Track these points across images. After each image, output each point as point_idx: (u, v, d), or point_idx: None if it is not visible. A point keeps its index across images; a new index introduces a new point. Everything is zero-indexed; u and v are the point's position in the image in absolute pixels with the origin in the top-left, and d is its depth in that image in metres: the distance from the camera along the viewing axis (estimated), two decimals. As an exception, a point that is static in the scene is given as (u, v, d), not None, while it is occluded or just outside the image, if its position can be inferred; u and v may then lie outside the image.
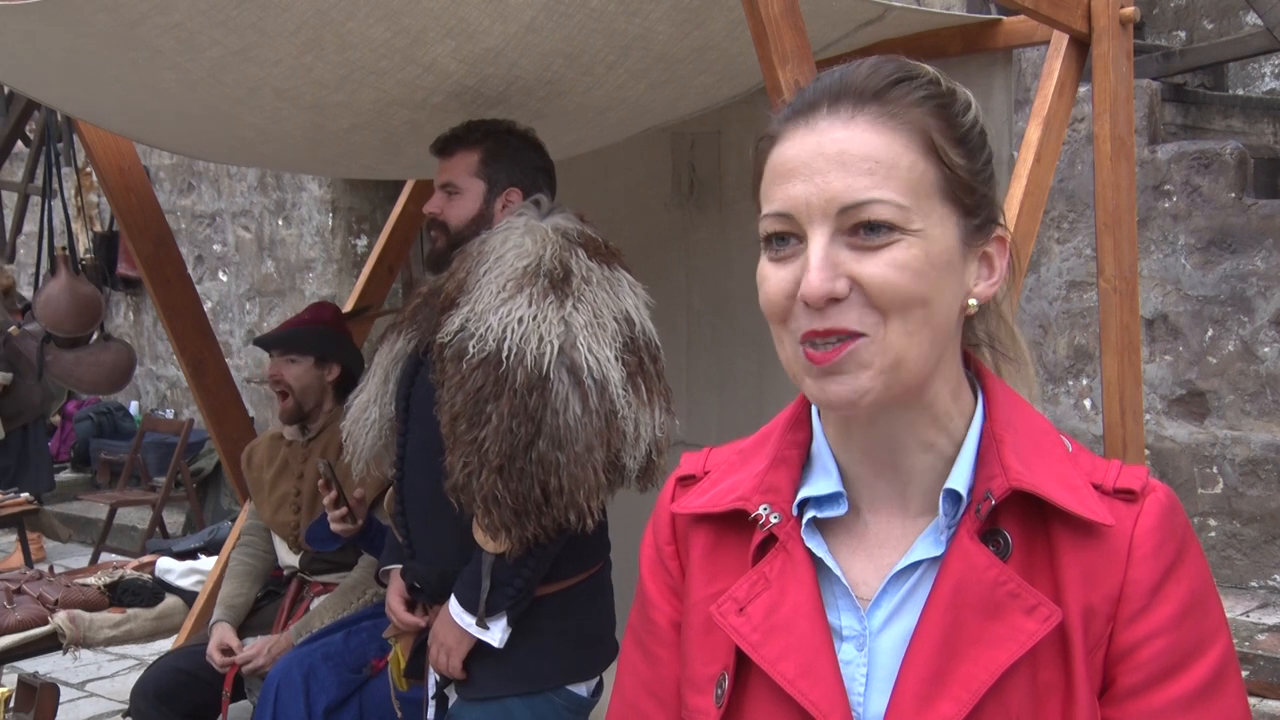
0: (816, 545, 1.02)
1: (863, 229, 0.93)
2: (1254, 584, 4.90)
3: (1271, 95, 6.20)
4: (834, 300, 0.93)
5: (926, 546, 0.99)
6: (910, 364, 0.95)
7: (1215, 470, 4.96)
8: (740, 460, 1.10)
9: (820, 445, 1.05)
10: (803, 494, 1.03)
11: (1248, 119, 5.82)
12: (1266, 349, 4.79)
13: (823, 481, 1.03)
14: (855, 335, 0.93)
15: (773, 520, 1.02)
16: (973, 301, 1.00)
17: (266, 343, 3.44)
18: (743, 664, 1.01)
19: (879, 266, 0.93)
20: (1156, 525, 0.96)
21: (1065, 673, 0.94)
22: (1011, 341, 1.09)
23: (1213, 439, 4.95)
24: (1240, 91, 6.26)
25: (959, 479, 0.99)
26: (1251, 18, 5.73)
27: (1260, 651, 4.18)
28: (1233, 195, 4.85)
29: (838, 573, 1.01)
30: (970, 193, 0.98)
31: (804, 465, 1.06)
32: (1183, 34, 6.33)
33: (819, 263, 0.93)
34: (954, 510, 0.99)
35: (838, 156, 0.94)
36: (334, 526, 2.88)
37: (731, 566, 1.05)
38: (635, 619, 1.15)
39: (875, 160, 0.94)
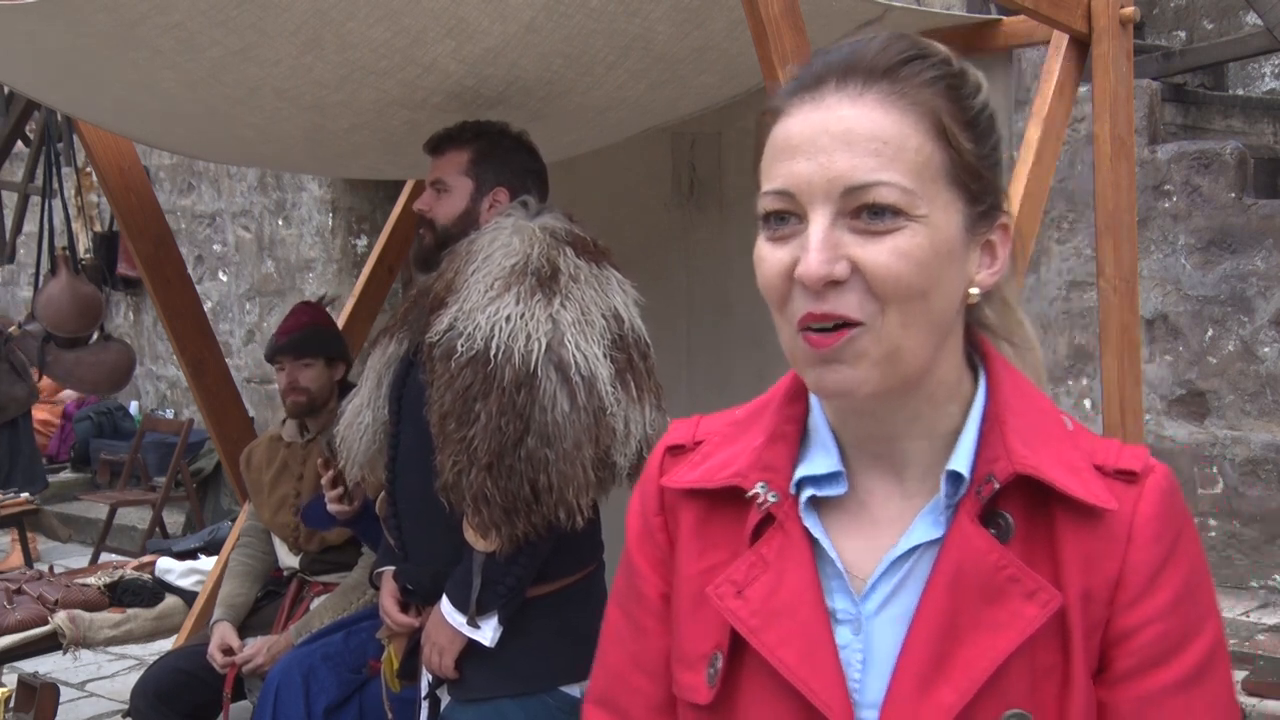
0: (814, 526, 1.00)
1: (866, 212, 0.90)
2: (1254, 584, 4.90)
3: (1271, 95, 6.20)
4: (833, 284, 0.90)
5: (925, 528, 0.98)
6: (908, 355, 0.93)
7: (1215, 470, 4.96)
8: (735, 432, 1.07)
9: (818, 420, 1.03)
10: (801, 472, 1.01)
11: (1248, 119, 5.82)
12: (1266, 349, 4.79)
13: (822, 460, 1.01)
14: (853, 323, 0.91)
15: (770, 499, 1.00)
16: (974, 290, 0.98)
17: (280, 350, 3.40)
18: (737, 644, 0.99)
19: (882, 253, 0.90)
20: (1156, 511, 0.96)
21: (1064, 656, 0.93)
22: (1018, 328, 1.07)
23: (1213, 439, 4.95)
24: (1240, 91, 6.26)
25: (961, 460, 0.97)
26: (1251, 18, 5.73)
27: (1260, 651, 4.18)
28: (1233, 195, 4.84)
29: (833, 555, 0.99)
30: (977, 178, 0.95)
31: (801, 440, 1.03)
32: (1183, 34, 6.33)
33: (819, 243, 0.90)
34: (954, 491, 0.97)
35: (844, 135, 0.91)
36: (331, 507, 2.88)
37: (724, 541, 1.03)
38: (621, 589, 1.12)
39: (883, 140, 0.91)
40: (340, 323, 3.98)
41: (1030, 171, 2.60)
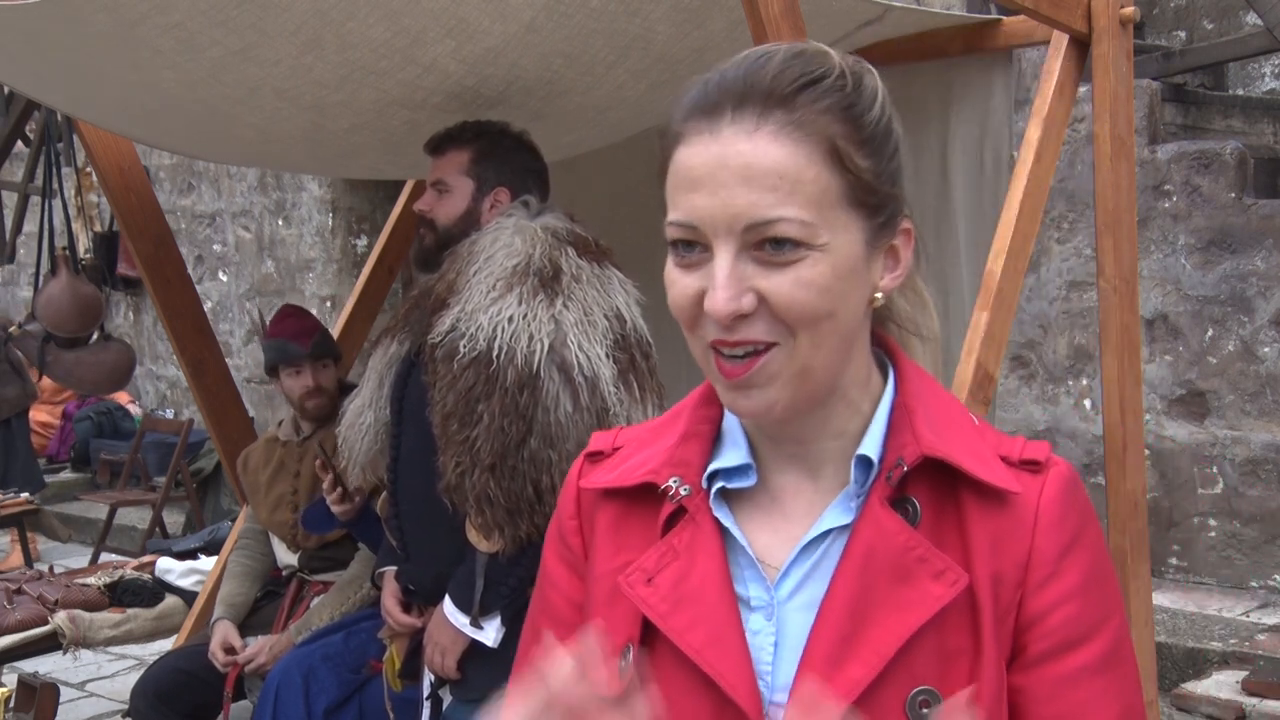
0: (724, 516, 1.02)
1: (769, 244, 0.92)
2: (1254, 584, 4.90)
3: (1271, 95, 6.20)
4: (740, 316, 0.93)
5: (835, 515, 1.00)
6: (818, 371, 0.96)
7: (1215, 470, 4.96)
8: (651, 436, 1.10)
9: (731, 420, 1.06)
10: (712, 466, 1.03)
11: (1248, 119, 5.82)
12: (1266, 349, 4.79)
13: (732, 454, 1.04)
14: (765, 345, 0.94)
15: (682, 492, 1.02)
16: (878, 295, 1.00)
17: (302, 355, 3.36)
18: (649, 634, 1.01)
19: (787, 285, 0.93)
20: (1060, 495, 0.98)
21: (974, 638, 0.95)
22: (924, 316, 1.10)
23: (1213, 439, 4.95)
24: (1240, 91, 6.26)
25: (870, 446, 1.00)
26: (1251, 18, 5.73)
27: (1260, 651, 4.18)
28: (1233, 195, 4.85)
29: (744, 543, 1.01)
30: (874, 194, 0.96)
31: (715, 440, 1.06)
32: (1183, 34, 6.34)
33: (724, 280, 0.92)
34: (864, 478, 1.00)
35: (742, 170, 0.92)
36: (334, 509, 2.89)
37: (638, 539, 1.05)
38: (534, 602, 1.15)
39: (779, 175, 0.92)
40: (340, 323, 3.99)
41: (1030, 171, 2.60)
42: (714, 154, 0.94)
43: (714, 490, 1.03)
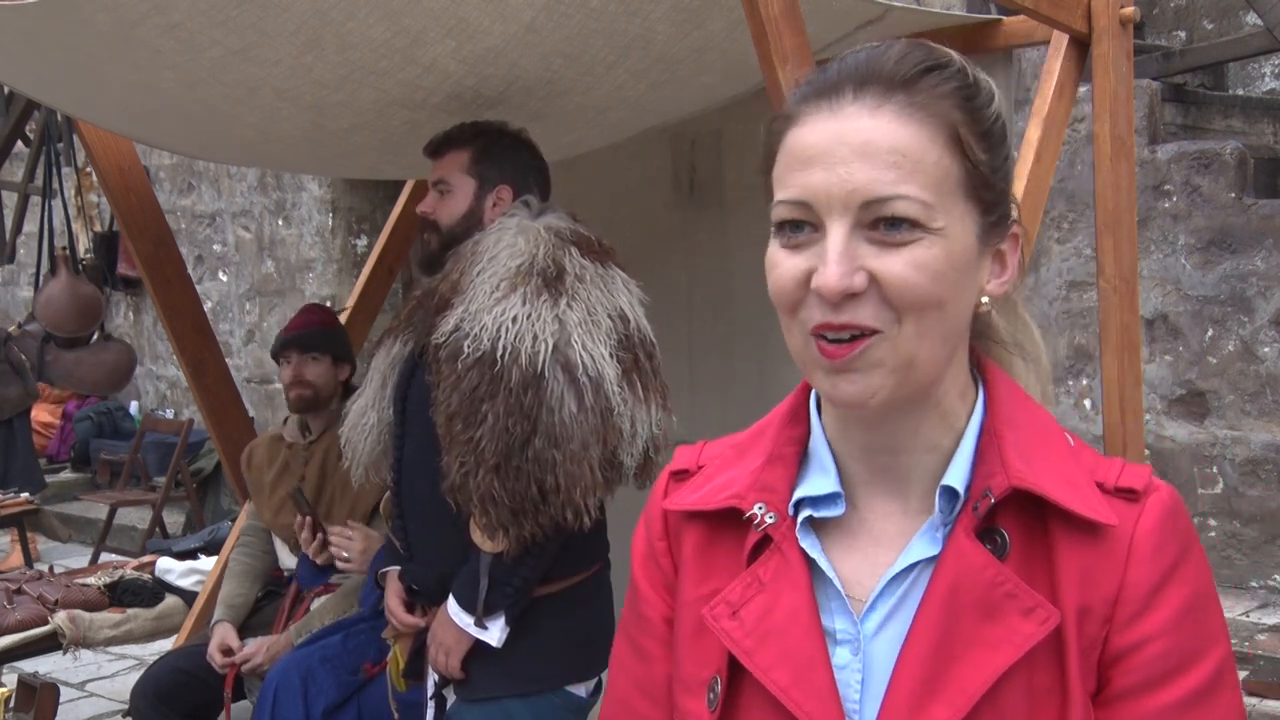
0: (811, 546, 0.99)
1: (884, 224, 0.90)
2: (1254, 584, 4.90)
3: (1271, 95, 6.20)
4: (850, 295, 0.90)
5: (923, 546, 0.97)
6: (922, 365, 0.93)
7: (1215, 470, 4.96)
8: (735, 455, 1.07)
9: (818, 441, 1.02)
10: (799, 493, 1.00)
11: (1248, 119, 5.82)
12: (1266, 349, 4.79)
13: (820, 480, 1.00)
14: (870, 332, 0.91)
15: (768, 520, 0.99)
16: (985, 300, 0.98)
17: (287, 344, 3.41)
18: (736, 668, 0.99)
19: (900, 265, 0.90)
20: (1157, 526, 0.94)
21: (1060, 675, 0.92)
22: (1026, 337, 1.07)
23: (1213, 439, 4.95)
24: (1240, 91, 6.26)
25: (956, 476, 0.96)
26: (1251, 18, 5.73)
27: (1260, 651, 4.18)
28: (1233, 195, 4.84)
29: (831, 575, 0.98)
30: (990, 189, 0.95)
31: (800, 461, 1.03)
32: (1183, 34, 6.33)
33: (838, 255, 0.90)
34: (950, 508, 0.96)
35: (862, 146, 0.90)
36: (316, 558, 2.91)
37: (724, 565, 1.02)
38: (627, 616, 1.12)
39: (901, 153, 0.90)
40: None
41: (1030, 171, 2.60)
42: (833, 130, 0.92)
43: (800, 520, 1.00)
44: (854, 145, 0.91)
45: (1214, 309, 4.90)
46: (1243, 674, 4.11)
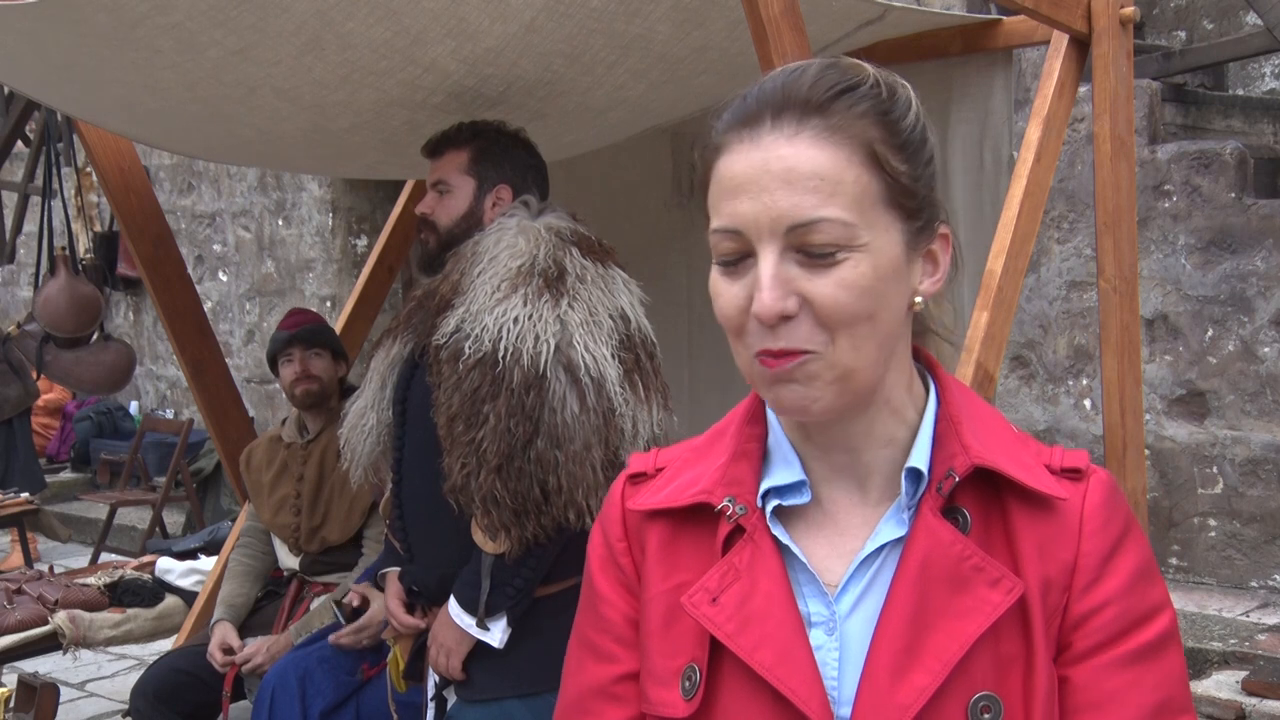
0: (782, 534, 1.03)
1: (811, 246, 0.95)
2: (1254, 584, 4.90)
3: (1271, 95, 6.20)
4: (785, 318, 0.95)
5: (890, 529, 1.02)
6: (860, 373, 0.98)
7: (1215, 470, 4.96)
8: (695, 456, 1.11)
9: (779, 438, 1.07)
10: (765, 484, 1.05)
11: (1248, 119, 5.81)
12: (1266, 349, 4.79)
13: (784, 471, 1.05)
14: (805, 353, 0.96)
15: (739, 512, 1.03)
16: (919, 299, 1.03)
17: (297, 339, 3.41)
18: (715, 654, 1.02)
19: (828, 286, 0.95)
20: (1104, 501, 1.01)
21: (1026, 644, 0.98)
22: (955, 324, 1.14)
23: (1213, 439, 4.95)
24: (1240, 91, 6.26)
25: (919, 458, 1.02)
26: (1251, 18, 5.73)
27: (1260, 651, 4.18)
28: (1233, 195, 4.84)
29: (804, 560, 1.03)
30: (912, 197, 0.99)
31: (763, 458, 1.07)
32: (1183, 34, 6.33)
33: (769, 281, 0.94)
34: (914, 490, 1.02)
35: (784, 174, 0.95)
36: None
37: (692, 559, 1.06)
38: (582, 621, 1.15)
39: (820, 178, 0.95)
40: (340, 323, 3.98)
41: (1030, 171, 2.60)
42: (756, 160, 0.97)
43: (770, 509, 1.04)
44: (776, 173, 0.95)
45: (1214, 309, 4.90)
46: (1242, 674, 4.11)
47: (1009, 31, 2.90)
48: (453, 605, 2.40)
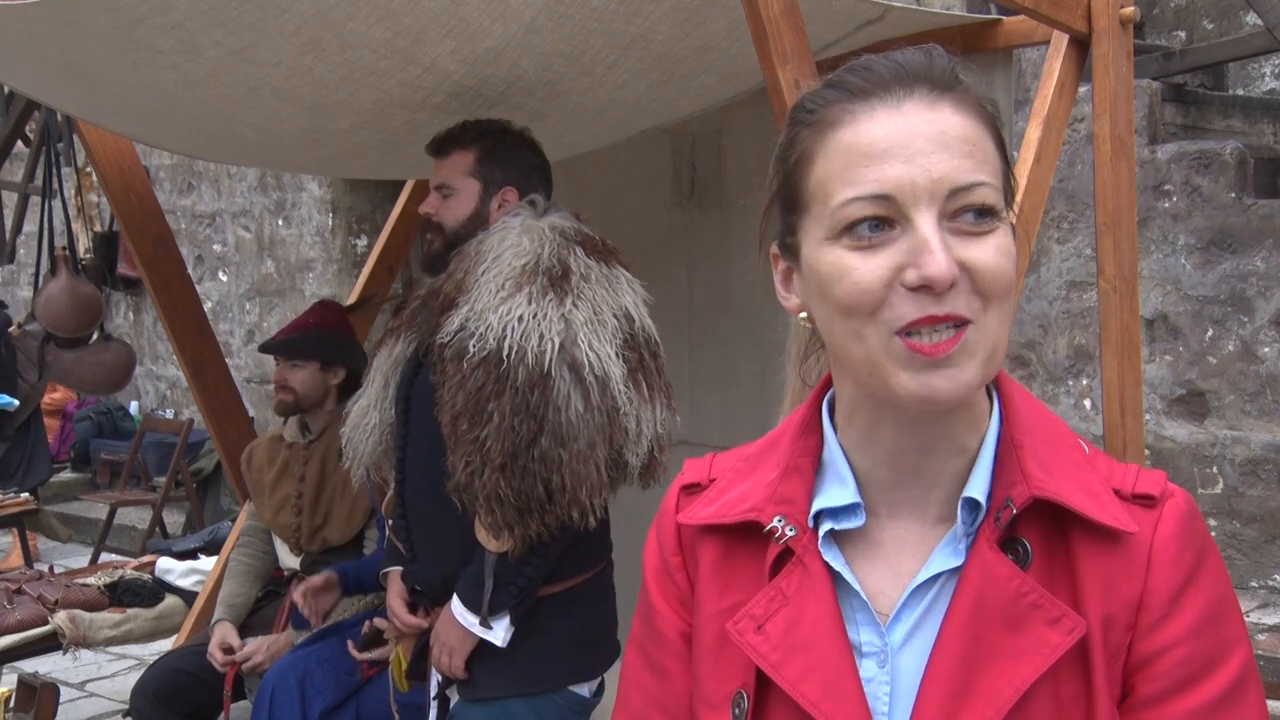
0: (834, 558, 0.98)
1: (969, 213, 0.90)
2: (1254, 584, 4.90)
3: (1271, 95, 6.20)
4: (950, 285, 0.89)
5: (945, 557, 0.96)
6: (1000, 353, 0.93)
7: (1215, 470, 4.96)
8: (747, 467, 1.05)
9: (834, 452, 1.01)
10: (818, 505, 0.99)
11: (1248, 119, 5.81)
12: (1266, 349, 4.79)
13: (838, 491, 0.99)
14: (966, 322, 0.90)
15: (788, 533, 0.98)
16: None
17: (271, 349, 3.43)
18: (762, 682, 0.98)
19: (989, 252, 0.90)
20: (1176, 532, 0.94)
21: (1086, 684, 0.92)
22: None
23: (1213, 439, 4.95)
24: (1240, 91, 6.26)
25: (977, 486, 0.96)
26: (1251, 18, 5.73)
27: (1260, 651, 4.18)
28: (1233, 195, 4.84)
29: (856, 587, 0.97)
30: (1010, 186, 0.97)
31: (816, 473, 1.02)
32: (1183, 34, 6.33)
33: (940, 244, 0.88)
34: (972, 518, 0.96)
35: (938, 137, 0.90)
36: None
37: (744, 579, 1.01)
38: (640, 631, 1.10)
39: (972, 143, 0.91)
40: (339, 323, 3.97)
41: (1030, 171, 2.60)
42: (901, 124, 0.91)
43: (822, 532, 0.99)
44: (929, 136, 0.90)
45: (1214, 309, 4.90)
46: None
47: (1009, 31, 2.90)
48: (456, 604, 2.40)
